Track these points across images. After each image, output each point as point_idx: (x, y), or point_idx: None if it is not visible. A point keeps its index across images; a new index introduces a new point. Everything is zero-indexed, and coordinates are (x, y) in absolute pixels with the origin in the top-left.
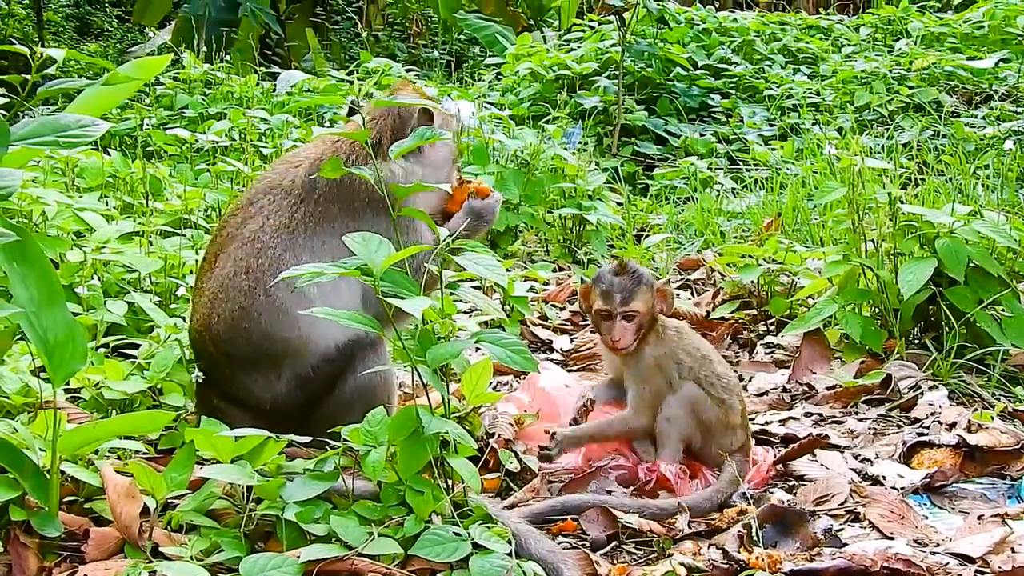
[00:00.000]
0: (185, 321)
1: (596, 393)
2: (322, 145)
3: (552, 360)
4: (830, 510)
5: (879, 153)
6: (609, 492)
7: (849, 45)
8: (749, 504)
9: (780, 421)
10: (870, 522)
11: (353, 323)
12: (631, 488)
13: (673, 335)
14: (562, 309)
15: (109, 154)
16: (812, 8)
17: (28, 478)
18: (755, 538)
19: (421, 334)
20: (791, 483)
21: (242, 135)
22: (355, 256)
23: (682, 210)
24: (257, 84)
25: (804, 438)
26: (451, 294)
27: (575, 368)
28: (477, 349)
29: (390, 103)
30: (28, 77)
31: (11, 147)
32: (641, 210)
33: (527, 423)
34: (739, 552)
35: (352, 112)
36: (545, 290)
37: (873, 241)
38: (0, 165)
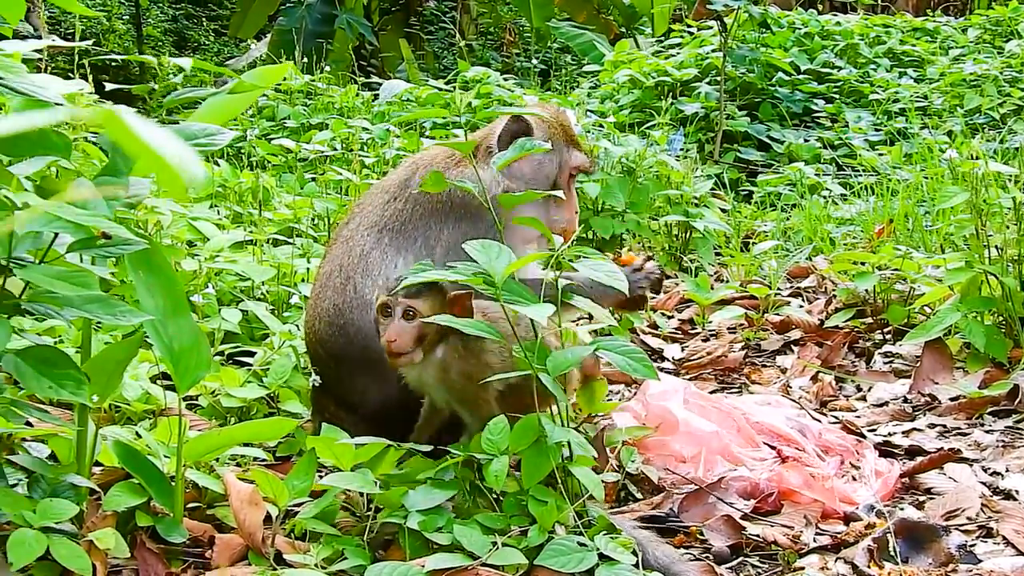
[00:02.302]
0: (299, 328)
1: None
2: (435, 150)
3: (664, 370)
4: (961, 525)
5: (992, 157)
6: (730, 504)
7: (957, 47)
8: (880, 518)
9: (903, 433)
10: (1004, 538)
11: (474, 330)
12: (752, 500)
13: None
14: (671, 317)
15: (218, 164)
16: (913, 10)
17: (153, 484)
18: (892, 552)
19: (539, 342)
20: (919, 497)
21: (344, 144)
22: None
23: (788, 217)
24: (357, 94)
25: (931, 451)
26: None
27: (687, 377)
28: (596, 357)
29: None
30: (155, 87)
31: None
32: (746, 217)
33: (643, 434)
34: (869, 567)
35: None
36: (653, 298)
37: (997, 247)
38: (130, 174)
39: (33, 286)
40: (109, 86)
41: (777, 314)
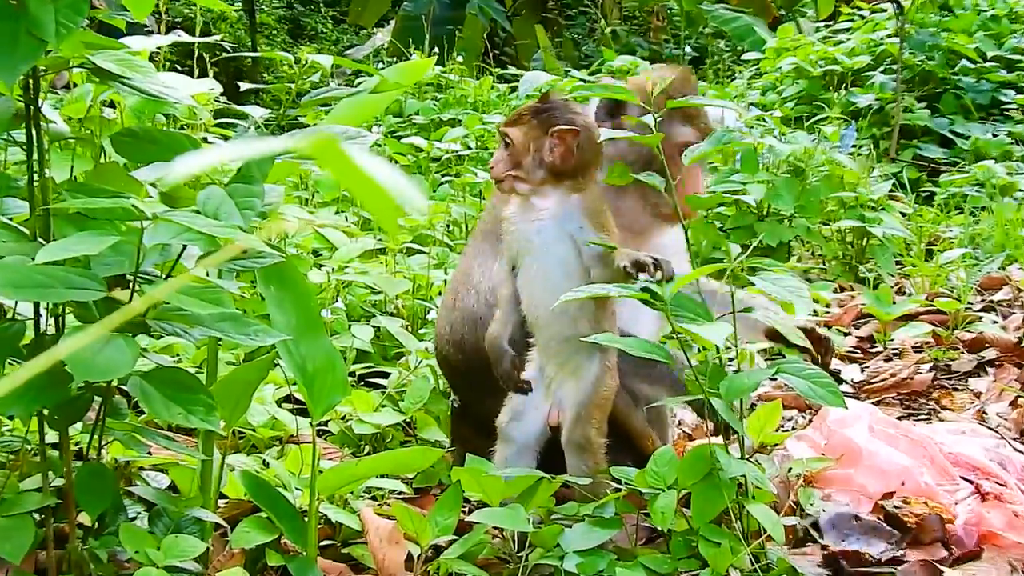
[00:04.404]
0: None
1: None
2: None
3: (844, 393)
4: None
5: None
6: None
7: None
8: None
9: None
10: None
11: (643, 352)
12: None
13: None
14: (847, 334)
15: None
16: None
17: (284, 520)
18: None
19: (712, 364)
20: None
21: (479, 143)
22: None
23: (977, 221)
24: (492, 86)
25: None
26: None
27: (869, 402)
28: (774, 380)
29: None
30: (292, 85)
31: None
32: (929, 221)
33: (823, 467)
34: None
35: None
36: (827, 313)
37: None
38: (264, 181)
39: (160, 303)
40: (244, 85)
41: (968, 331)
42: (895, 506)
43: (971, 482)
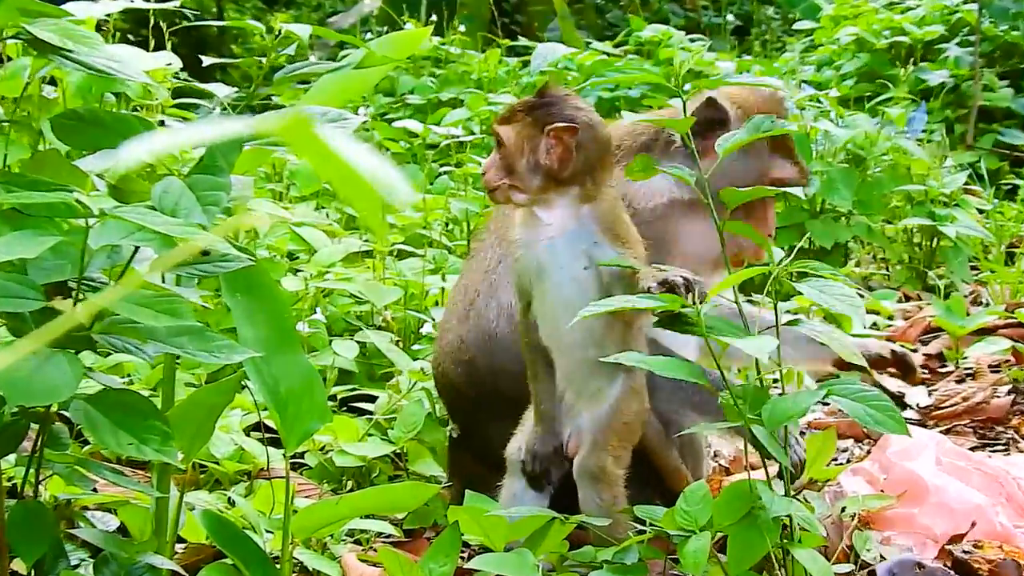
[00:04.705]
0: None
1: None
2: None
3: (907, 420)
4: None
5: None
6: None
7: None
8: None
9: None
10: None
11: (672, 372)
12: None
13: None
14: (914, 351)
15: None
16: None
17: (253, 567)
18: None
19: (753, 386)
20: None
21: (485, 127)
22: None
23: None
24: (500, 61)
25: None
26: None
27: (938, 430)
28: (826, 404)
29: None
30: (264, 59)
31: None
32: (1011, 219)
33: (882, 505)
34: None
35: None
36: (890, 326)
37: None
38: (231, 171)
39: (107, 313)
40: (207, 60)
41: None
42: (965, 551)
43: None
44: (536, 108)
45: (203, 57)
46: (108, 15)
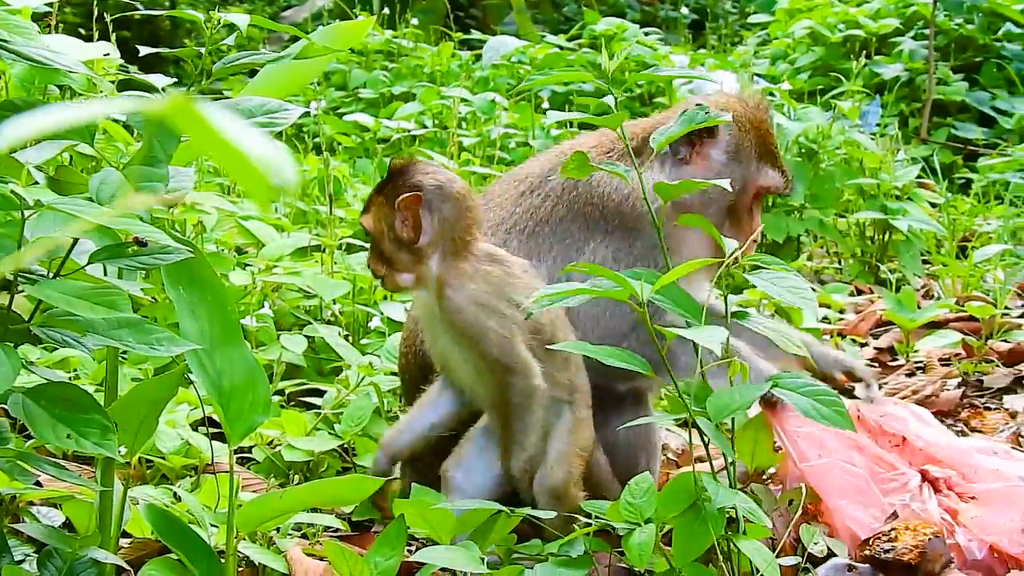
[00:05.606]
0: (380, 359)
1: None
2: (601, 137)
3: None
4: None
5: None
6: None
7: None
8: None
9: None
10: None
11: (614, 360)
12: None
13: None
14: (864, 344)
15: None
16: None
17: (198, 561)
18: None
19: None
20: None
21: (437, 120)
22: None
23: (1020, 213)
24: (453, 55)
25: None
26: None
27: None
28: (773, 397)
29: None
30: (202, 51)
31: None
32: (964, 213)
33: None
34: None
35: None
36: (841, 320)
37: None
38: (169, 162)
39: (46, 306)
40: (144, 49)
41: (1005, 340)
42: (884, 549)
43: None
44: (384, 187)
45: (141, 48)
46: (50, 5)
